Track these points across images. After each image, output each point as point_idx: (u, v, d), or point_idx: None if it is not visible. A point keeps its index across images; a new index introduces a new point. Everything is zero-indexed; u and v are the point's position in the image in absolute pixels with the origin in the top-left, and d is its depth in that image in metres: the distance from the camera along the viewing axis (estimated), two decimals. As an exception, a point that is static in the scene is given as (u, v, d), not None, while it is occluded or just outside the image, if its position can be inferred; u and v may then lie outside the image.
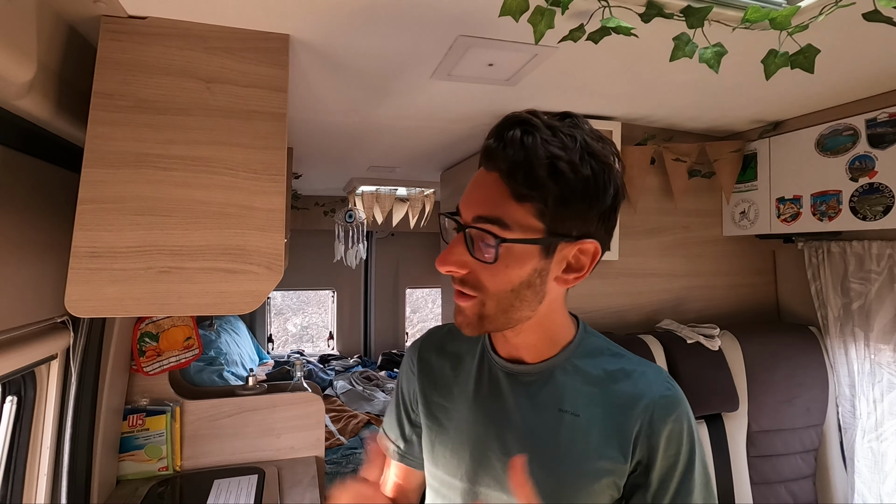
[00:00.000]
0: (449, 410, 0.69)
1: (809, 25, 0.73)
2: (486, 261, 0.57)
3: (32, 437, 0.97)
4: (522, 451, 0.61)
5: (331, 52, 0.98)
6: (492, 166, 0.57)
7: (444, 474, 0.68)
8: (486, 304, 0.59)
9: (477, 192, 0.58)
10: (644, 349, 1.38)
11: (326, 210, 3.64)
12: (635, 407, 0.61)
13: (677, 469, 0.60)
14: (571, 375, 0.64)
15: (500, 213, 0.56)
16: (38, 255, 0.84)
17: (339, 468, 2.49)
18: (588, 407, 0.62)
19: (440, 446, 0.69)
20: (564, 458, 0.61)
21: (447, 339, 0.76)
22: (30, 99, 0.72)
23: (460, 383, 0.70)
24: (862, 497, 1.38)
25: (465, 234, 0.58)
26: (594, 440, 0.60)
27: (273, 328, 4.91)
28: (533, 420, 0.63)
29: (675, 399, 0.62)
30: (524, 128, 0.55)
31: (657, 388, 0.62)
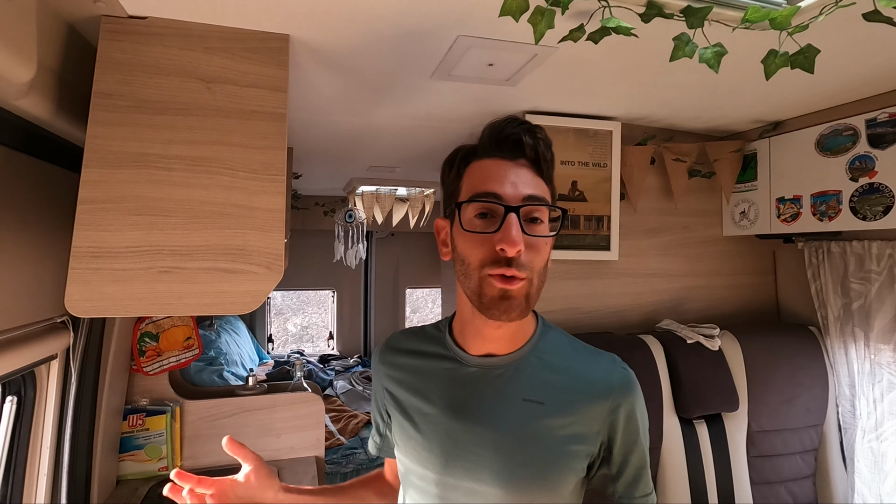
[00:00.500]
0: (418, 408, 0.72)
1: (809, 25, 0.73)
2: (546, 235, 0.64)
3: (32, 437, 0.97)
4: (492, 442, 0.65)
5: (331, 52, 0.98)
6: (520, 155, 0.64)
7: (417, 466, 0.71)
8: (534, 282, 0.62)
9: (514, 176, 0.63)
10: (644, 349, 1.38)
11: (326, 210, 3.64)
12: (597, 392, 0.67)
13: (636, 443, 0.69)
14: (535, 365, 0.69)
15: (543, 192, 0.64)
16: (38, 255, 0.84)
17: (339, 468, 2.49)
18: (551, 394, 0.66)
19: (412, 440, 0.72)
20: (530, 445, 0.65)
21: (408, 340, 0.80)
22: (30, 99, 0.72)
23: (428, 381, 0.73)
24: (862, 497, 1.38)
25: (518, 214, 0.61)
26: (558, 426, 0.65)
27: (273, 328, 4.91)
28: (501, 411, 0.66)
29: (632, 382, 0.70)
30: (534, 126, 0.65)
31: (616, 373, 0.70)
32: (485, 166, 0.65)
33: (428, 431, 0.70)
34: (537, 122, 1.38)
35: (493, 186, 0.62)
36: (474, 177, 0.65)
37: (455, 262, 0.67)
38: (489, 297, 0.61)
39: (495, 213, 0.62)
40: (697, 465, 1.34)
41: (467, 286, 0.65)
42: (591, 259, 1.49)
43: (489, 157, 0.65)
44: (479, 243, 0.62)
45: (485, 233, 0.61)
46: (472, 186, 0.65)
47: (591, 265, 1.54)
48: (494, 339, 0.69)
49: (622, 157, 1.49)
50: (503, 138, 0.64)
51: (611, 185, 1.48)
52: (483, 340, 0.69)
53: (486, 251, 0.61)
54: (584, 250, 1.47)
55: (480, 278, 0.62)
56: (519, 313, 0.62)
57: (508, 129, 0.64)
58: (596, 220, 1.48)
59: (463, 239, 0.64)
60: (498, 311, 0.61)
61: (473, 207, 0.63)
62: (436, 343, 0.75)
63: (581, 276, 1.53)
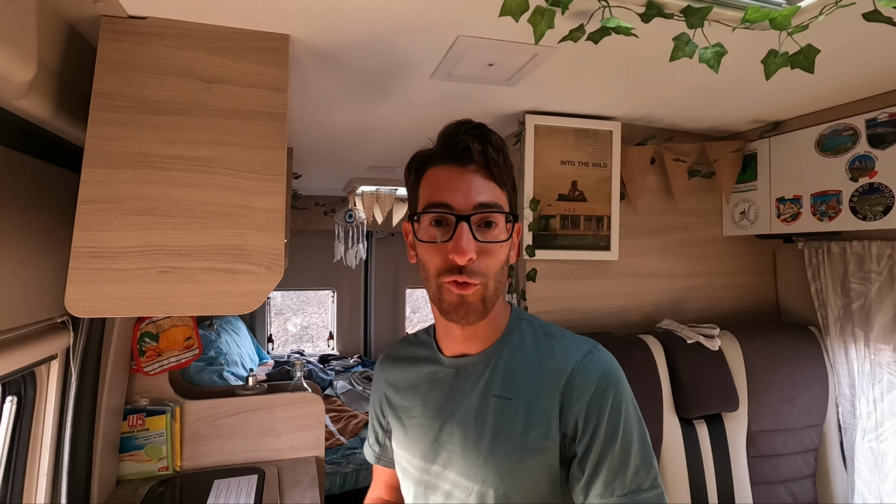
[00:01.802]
0: (408, 409, 0.76)
1: (809, 25, 0.73)
2: (500, 240, 0.64)
3: (32, 437, 0.97)
4: (463, 439, 0.68)
5: (331, 52, 0.98)
6: (470, 162, 0.65)
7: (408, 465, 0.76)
8: (489, 285, 0.64)
9: (465, 184, 0.64)
10: (644, 349, 1.38)
11: (326, 210, 3.64)
12: (558, 381, 0.65)
13: (600, 434, 0.61)
14: (506, 361, 0.70)
15: (495, 198, 0.65)
16: (38, 255, 0.84)
17: (339, 468, 2.49)
18: (520, 389, 0.66)
19: (405, 440, 0.76)
20: (494, 438, 0.65)
21: (403, 348, 0.83)
22: (30, 99, 0.72)
23: (416, 384, 0.77)
24: (862, 497, 1.38)
25: (469, 223, 0.62)
26: (522, 421, 0.64)
27: (273, 328, 4.90)
28: (471, 408, 0.69)
29: (594, 367, 0.65)
30: (484, 130, 0.66)
31: (577, 359, 0.66)
32: (438, 174, 0.66)
33: (413, 431, 0.74)
34: (537, 123, 1.40)
35: (444, 196, 0.64)
36: (429, 185, 0.67)
37: (419, 268, 0.69)
38: (448, 303, 0.64)
39: (448, 221, 0.64)
40: (697, 465, 1.34)
41: (429, 292, 0.68)
42: (591, 259, 1.50)
43: (442, 165, 0.67)
44: (435, 252, 0.64)
45: (438, 242, 0.64)
46: (426, 195, 0.66)
47: (591, 265, 1.54)
48: (464, 339, 0.72)
49: (622, 157, 1.49)
50: (453, 146, 0.65)
51: (611, 185, 1.48)
52: (454, 341, 0.73)
53: (442, 259, 0.64)
54: (584, 250, 1.47)
55: (439, 285, 0.65)
56: (477, 316, 0.65)
57: (457, 136, 0.65)
58: (596, 220, 1.48)
59: (421, 247, 0.67)
60: (457, 316, 0.64)
61: (427, 217, 0.65)
62: (425, 347, 0.79)
63: (581, 276, 1.53)
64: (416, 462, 0.74)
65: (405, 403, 0.77)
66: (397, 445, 0.78)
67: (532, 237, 1.42)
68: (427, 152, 0.70)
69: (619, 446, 0.61)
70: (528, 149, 1.41)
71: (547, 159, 1.43)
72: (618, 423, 0.62)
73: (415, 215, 0.67)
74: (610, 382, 0.64)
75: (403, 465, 0.77)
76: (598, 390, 0.63)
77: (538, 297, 1.48)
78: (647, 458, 0.62)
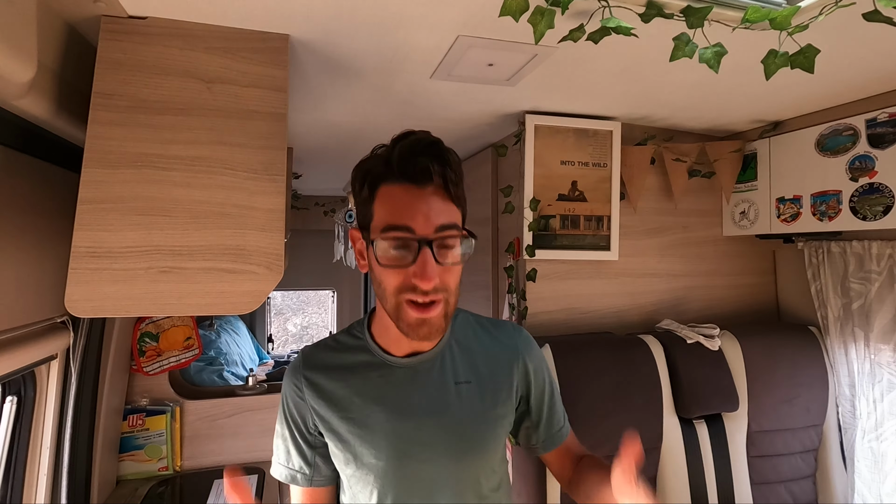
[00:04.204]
0: (363, 420, 0.72)
1: (809, 25, 0.73)
2: (459, 262, 0.65)
3: (32, 437, 0.97)
4: (439, 428, 0.72)
5: (331, 52, 0.98)
6: (426, 181, 0.63)
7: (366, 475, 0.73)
8: (450, 302, 0.67)
9: (426, 206, 0.63)
10: (644, 349, 1.38)
11: (326, 210, 3.63)
12: (508, 356, 0.80)
13: (546, 390, 0.84)
14: (456, 351, 0.77)
15: (453, 219, 0.65)
16: (38, 255, 0.84)
17: (339, 468, 2.49)
18: (475, 372, 0.76)
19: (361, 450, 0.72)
20: (470, 420, 0.74)
21: (330, 356, 0.77)
22: (30, 99, 0.72)
23: (364, 392, 0.73)
24: (862, 497, 1.38)
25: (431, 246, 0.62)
26: (487, 397, 0.75)
27: (273, 328, 4.91)
28: (440, 398, 0.73)
29: (531, 342, 0.84)
30: (441, 149, 0.65)
31: (516, 336, 0.83)
32: (395, 194, 0.64)
33: (375, 440, 0.71)
34: (537, 123, 1.40)
35: (405, 219, 0.62)
36: (386, 205, 0.64)
37: (372, 280, 0.69)
38: (406, 323, 0.65)
39: (410, 245, 0.63)
40: (697, 465, 1.34)
41: (386, 308, 0.67)
42: (591, 259, 1.50)
43: (398, 183, 0.64)
44: (395, 273, 0.64)
45: (400, 267, 0.63)
46: (384, 216, 0.64)
47: (591, 265, 1.54)
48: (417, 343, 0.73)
49: (622, 157, 1.49)
50: (411, 166, 0.63)
51: (611, 185, 1.48)
52: (408, 343, 0.73)
53: (402, 279, 0.64)
54: (584, 250, 1.47)
55: (397, 303, 0.65)
56: (439, 334, 0.66)
57: (415, 157, 0.63)
58: (596, 220, 1.48)
59: (378, 269, 0.65)
60: (417, 336, 0.65)
61: (388, 239, 0.63)
62: (359, 352, 0.75)
63: (581, 276, 1.53)
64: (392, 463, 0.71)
65: (353, 415, 0.72)
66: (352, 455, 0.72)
67: (532, 237, 1.42)
68: (381, 167, 0.66)
69: (555, 396, 0.86)
70: (528, 149, 1.41)
71: (547, 159, 1.43)
72: (552, 381, 0.86)
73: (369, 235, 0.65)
74: (538, 350, 0.85)
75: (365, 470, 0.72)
76: (538, 359, 0.83)
77: (538, 297, 1.48)
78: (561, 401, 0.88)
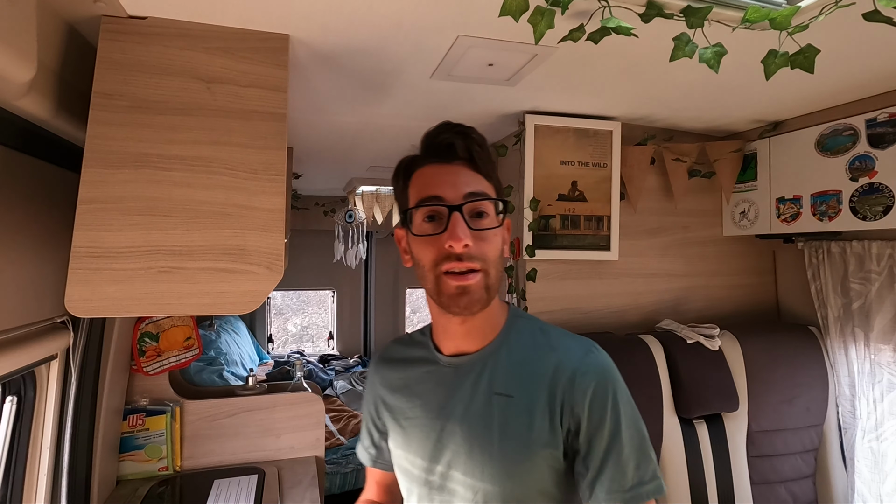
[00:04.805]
0: (405, 411, 0.76)
1: (809, 25, 0.73)
2: (491, 227, 0.66)
3: (32, 437, 0.97)
4: (464, 436, 0.68)
5: (331, 52, 0.98)
6: (455, 158, 0.68)
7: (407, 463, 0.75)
8: (490, 272, 0.65)
9: (453, 177, 0.66)
10: (644, 349, 1.38)
11: (326, 210, 3.64)
12: (558, 378, 0.66)
13: (604, 432, 0.63)
14: (505, 359, 0.70)
15: (483, 188, 0.67)
16: (38, 255, 0.84)
17: (339, 468, 2.49)
18: (521, 387, 0.67)
19: (404, 442, 0.75)
20: (501, 438, 0.65)
21: (400, 349, 0.82)
22: (30, 99, 0.72)
23: (412, 385, 0.76)
24: (862, 497, 1.38)
25: (461, 212, 0.64)
26: (526, 418, 0.65)
27: (273, 328, 4.90)
28: (473, 407, 0.68)
29: (595, 365, 0.66)
30: (466, 128, 0.69)
31: (577, 357, 0.67)
32: (425, 173, 0.69)
33: (413, 432, 0.74)
34: (537, 123, 1.40)
35: (434, 190, 0.66)
36: (417, 184, 0.69)
37: (415, 268, 0.70)
38: (447, 295, 0.64)
39: (441, 214, 0.65)
40: (697, 465, 1.34)
41: (427, 287, 0.68)
42: (591, 259, 1.50)
43: (428, 164, 0.69)
44: (429, 245, 0.65)
45: (433, 234, 0.65)
46: (416, 193, 0.68)
47: (591, 265, 1.54)
48: (462, 336, 0.72)
49: (622, 157, 1.49)
50: (437, 145, 0.68)
51: (611, 185, 1.48)
52: (452, 339, 0.73)
53: (437, 250, 0.64)
54: (584, 250, 1.47)
55: (436, 277, 0.65)
56: (480, 305, 0.65)
57: (441, 135, 0.68)
58: (596, 220, 1.48)
59: (416, 243, 0.68)
60: (458, 308, 0.64)
61: (420, 212, 0.67)
62: (421, 348, 0.78)
63: (581, 276, 1.53)
64: (418, 462, 0.73)
65: (401, 405, 0.76)
66: (395, 447, 0.78)
67: (532, 237, 1.42)
68: (412, 156, 0.72)
69: (621, 443, 0.63)
70: (528, 149, 1.41)
71: (547, 159, 1.43)
72: (619, 421, 0.63)
73: (406, 212, 0.69)
74: (609, 381, 0.66)
75: (405, 466, 0.76)
76: (599, 388, 0.64)
77: (538, 297, 1.48)
78: (646, 451, 0.65)
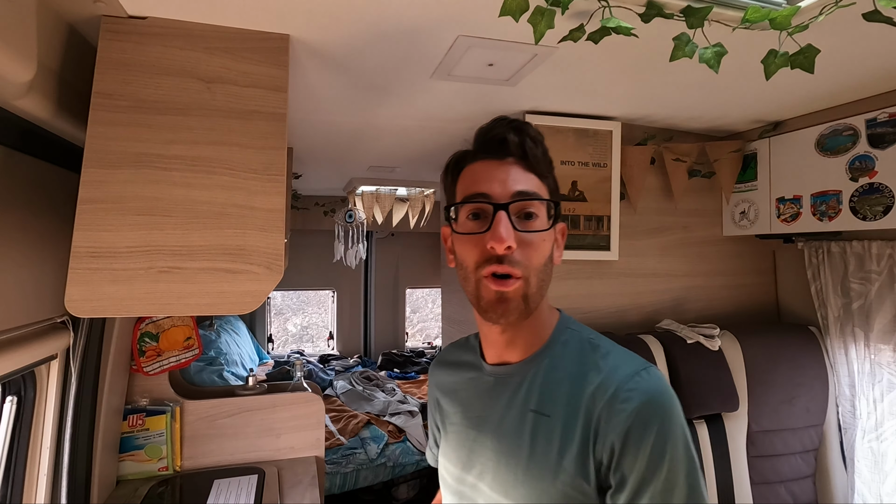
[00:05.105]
0: (450, 415, 0.75)
1: (809, 25, 0.73)
2: (540, 230, 0.61)
3: (32, 437, 0.97)
4: (494, 451, 0.64)
5: (331, 52, 0.98)
6: (507, 154, 0.64)
7: (445, 473, 0.74)
8: (531, 280, 0.60)
9: (503, 174, 0.62)
10: (644, 349, 1.38)
11: (326, 210, 3.64)
12: (597, 401, 0.57)
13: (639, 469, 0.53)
14: (548, 373, 0.64)
15: (534, 188, 0.63)
16: (38, 255, 0.84)
17: (339, 468, 2.49)
18: (559, 406, 0.60)
19: (445, 445, 0.75)
20: (529, 460, 0.60)
21: (455, 351, 0.81)
22: (30, 99, 0.72)
23: (457, 390, 0.75)
24: (862, 497, 1.38)
25: (507, 211, 0.60)
26: (558, 442, 0.58)
27: (273, 328, 4.90)
28: (507, 421, 0.65)
29: (641, 388, 0.56)
30: (521, 123, 0.65)
31: (621, 377, 0.58)
32: (475, 169, 0.65)
33: (452, 438, 0.73)
34: (537, 123, 1.40)
35: (481, 187, 0.62)
36: (465, 180, 0.66)
37: (457, 269, 0.66)
38: (486, 300, 0.61)
39: (486, 213, 0.62)
40: (697, 465, 1.34)
41: (467, 290, 0.64)
42: (591, 259, 1.49)
43: (479, 160, 0.65)
44: (473, 244, 0.61)
45: (476, 233, 0.61)
46: (463, 189, 0.65)
47: (591, 265, 1.54)
48: (503, 345, 0.68)
49: (622, 157, 1.49)
50: (489, 139, 0.65)
51: (611, 185, 1.48)
52: (494, 347, 0.69)
53: (480, 251, 0.60)
54: (584, 250, 1.47)
55: (477, 280, 0.61)
56: (517, 316, 0.61)
57: (494, 129, 0.65)
58: (596, 220, 1.48)
59: (459, 242, 0.64)
60: (495, 315, 0.61)
61: (465, 209, 0.63)
62: (471, 352, 0.76)
63: (581, 276, 1.53)
64: (452, 471, 0.71)
65: (448, 409, 0.75)
66: (440, 451, 0.77)
67: (532, 237, 1.42)
68: (464, 151, 0.69)
69: (660, 488, 0.52)
70: (528, 149, 1.40)
71: (547, 159, 1.43)
72: (660, 461, 0.52)
73: (450, 208, 0.65)
74: (655, 411, 0.55)
75: (442, 472, 0.75)
76: (640, 419, 0.54)
77: (538, 297, 1.48)
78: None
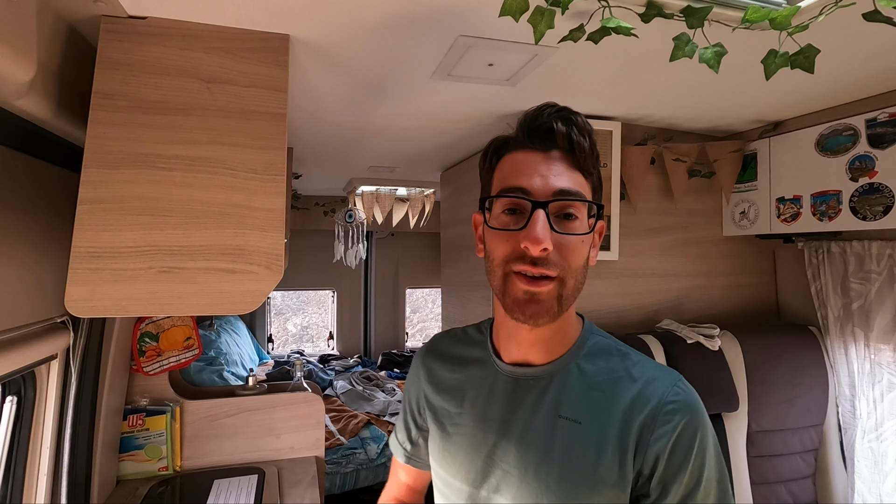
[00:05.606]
0: (454, 416, 0.69)
1: (809, 25, 0.73)
2: (579, 232, 0.57)
3: (32, 437, 0.97)
4: (520, 459, 0.60)
5: (331, 52, 0.98)
6: (553, 146, 0.59)
7: (448, 476, 0.68)
8: (567, 282, 0.57)
9: (545, 169, 0.58)
10: (644, 349, 1.38)
11: (326, 210, 3.64)
12: (636, 413, 0.57)
13: (683, 480, 0.55)
14: (576, 379, 0.61)
15: (578, 186, 0.58)
16: (38, 255, 0.84)
17: (339, 468, 2.49)
18: (590, 413, 0.59)
19: (445, 451, 0.69)
20: (561, 466, 0.58)
21: (452, 345, 0.75)
22: (30, 99, 0.72)
23: (467, 389, 0.69)
24: (862, 497, 1.38)
25: (547, 210, 0.56)
26: (593, 449, 0.57)
27: (273, 328, 4.90)
28: (533, 426, 0.61)
29: (683, 402, 0.58)
30: (570, 112, 0.60)
31: (661, 389, 0.58)
32: (515, 159, 0.60)
33: (459, 442, 0.67)
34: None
35: (520, 181, 0.58)
36: (504, 170, 0.61)
37: (485, 260, 0.63)
38: (513, 298, 0.57)
39: (523, 209, 0.57)
40: (697, 465, 1.34)
41: (493, 283, 0.60)
42: (591, 259, 1.49)
43: (521, 150, 0.61)
44: (505, 239, 0.58)
45: (509, 230, 0.57)
46: (501, 180, 0.61)
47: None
48: (529, 345, 0.63)
49: (622, 157, 1.49)
50: (534, 128, 0.60)
51: (611, 185, 1.48)
52: (517, 346, 0.64)
53: (511, 247, 0.57)
54: (584, 250, 1.47)
55: (504, 274, 0.58)
56: (548, 318, 0.57)
57: (540, 117, 0.60)
58: (596, 220, 1.48)
59: (490, 235, 0.60)
60: (523, 315, 0.57)
61: (501, 203, 0.59)
62: (478, 347, 0.71)
63: (581, 276, 1.53)
64: (456, 484, 0.66)
65: (449, 408, 0.69)
66: (435, 453, 0.70)
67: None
68: (506, 137, 0.64)
69: (699, 495, 0.55)
70: (528, 149, 1.40)
71: (547, 159, 1.43)
72: (701, 471, 0.56)
73: (486, 200, 0.61)
74: (698, 422, 0.57)
75: (441, 485, 0.69)
76: (685, 432, 0.56)
77: (538, 297, 1.48)
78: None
